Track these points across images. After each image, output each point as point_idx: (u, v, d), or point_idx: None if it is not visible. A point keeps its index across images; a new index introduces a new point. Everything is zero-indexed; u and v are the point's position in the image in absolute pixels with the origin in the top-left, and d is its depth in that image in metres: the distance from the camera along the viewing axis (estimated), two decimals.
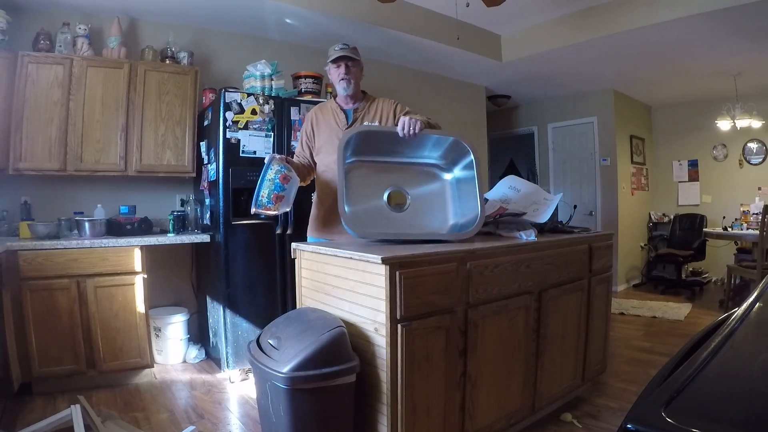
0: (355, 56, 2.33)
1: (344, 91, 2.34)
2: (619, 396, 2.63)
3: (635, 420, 0.60)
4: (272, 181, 2.03)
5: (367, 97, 2.45)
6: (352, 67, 2.33)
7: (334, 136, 2.35)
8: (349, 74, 2.32)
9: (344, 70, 2.31)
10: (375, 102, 2.43)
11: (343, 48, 2.32)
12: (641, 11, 3.74)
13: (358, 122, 2.37)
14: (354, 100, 2.40)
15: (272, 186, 2.03)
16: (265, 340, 1.79)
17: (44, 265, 2.61)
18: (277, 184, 2.03)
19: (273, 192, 2.03)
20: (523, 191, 2.55)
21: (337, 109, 2.41)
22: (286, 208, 2.11)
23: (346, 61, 2.31)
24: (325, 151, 2.39)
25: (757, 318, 0.98)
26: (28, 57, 2.84)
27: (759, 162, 5.91)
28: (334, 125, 2.39)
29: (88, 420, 2.11)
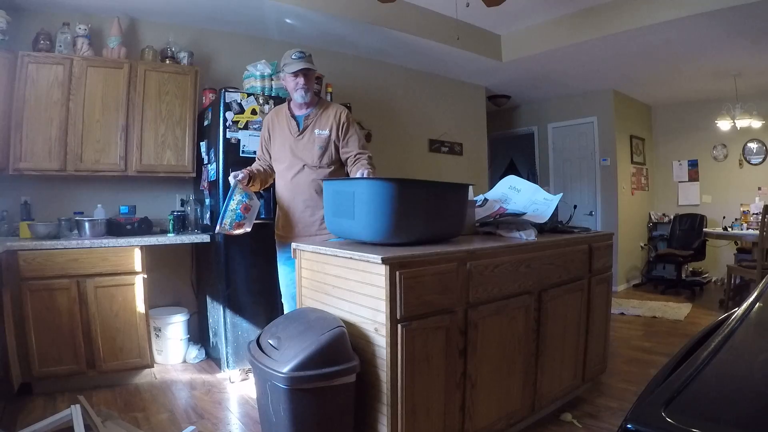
0: (313, 67, 2.45)
1: (301, 99, 2.48)
2: (619, 396, 2.63)
3: (635, 420, 0.60)
4: (234, 211, 2.29)
5: (321, 102, 2.56)
6: (310, 78, 2.47)
7: (286, 143, 2.51)
8: (307, 84, 2.45)
9: (303, 81, 2.44)
10: (327, 109, 2.53)
11: (300, 57, 2.43)
12: (641, 11, 3.74)
13: (308, 130, 2.49)
14: (307, 106, 2.53)
15: (234, 216, 2.29)
16: (265, 340, 1.79)
17: (44, 265, 2.61)
18: (238, 214, 2.30)
19: (234, 221, 2.30)
20: (523, 191, 2.55)
21: (289, 115, 2.53)
22: (247, 229, 2.37)
23: (305, 72, 2.42)
24: (277, 159, 2.56)
25: (757, 318, 0.98)
26: (28, 57, 2.84)
27: (759, 162, 5.90)
28: (286, 132, 2.52)
29: (88, 420, 2.11)
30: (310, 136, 2.49)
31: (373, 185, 1.82)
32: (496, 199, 2.62)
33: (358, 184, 1.88)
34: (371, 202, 1.80)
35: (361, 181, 1.91)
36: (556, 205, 2.44)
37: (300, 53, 2.47)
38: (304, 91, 2.46)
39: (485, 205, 2.60)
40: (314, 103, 2.55)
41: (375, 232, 1.82)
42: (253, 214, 2.36)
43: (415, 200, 1.84)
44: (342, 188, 1.97)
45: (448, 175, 5.13)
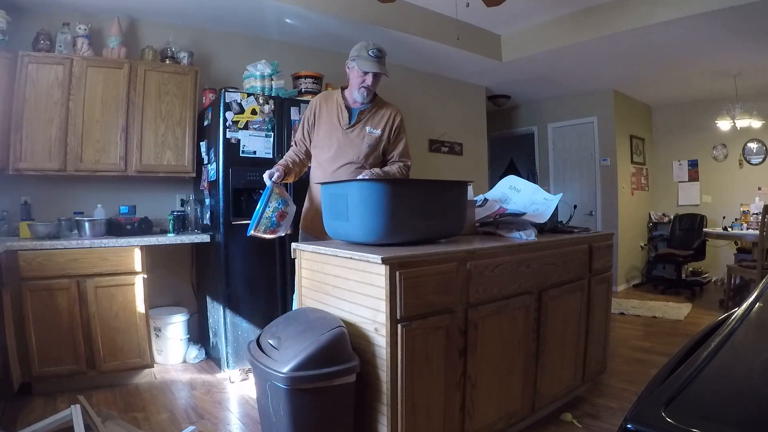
0: (386, 72, 2.34)
1: (361, 99, 2.37)
2: (619, 396, 2.63)
3: (635, 420, 0.60)
4: (269, 218, 2.17)
5: (377, 100, 2.43)
6: (379, 79, 2.35)
7: (333, 133, 2.35)
8: (373, 86, 2.35)
9: (371, 81, 2.33)
10: (383, 108, 2.43)
11: (377, 57, 2.31)
12: (641, 11, 3.74)
13: (360, 125, 2.36)
14: (362, 105, 2.40)
15: (268, 223, 2.18)
16: (265, 340, 1.79)
17: (44, 265, 2.61)
18: (273, 221, 2.19)
19: (269, 228, 2.20)
20: (523, 191, 2.55)
21: (342, 104, 2.39)
22: (281, 234, 2.26)
23: (376, 74, 2.32)
24: (321, 147, 2.39)
25: (757, 318, 0.98)
26: (28, 57, 2.84)
27: (759, 162, 5.90)
28: (335, 122, 2.37)
29: (88, 420, 2.11)
30: (360, 131, 2.35)
31: (364, 187, 1.82)
32: (496, 199, 2.62)
33: (350, 187, 1.88)
34: (363, 203, 1.80)
35: (353, 183, 1.90)
36: (556, 205, 2.44)
37: (378, 52, 2.32)
38: (367, 91, 2.34)
39: (485, 205, 2.60)
40: (370, 100, 2.42)
41: (368, 233, 1.82)
42: (289, 220, 2.26)
43: (408, 200, 1.83)
44: (336, 191, 1.97)
45: (448, 175, 5.13)
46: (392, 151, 2.43)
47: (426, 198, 1.91)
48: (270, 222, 2.18)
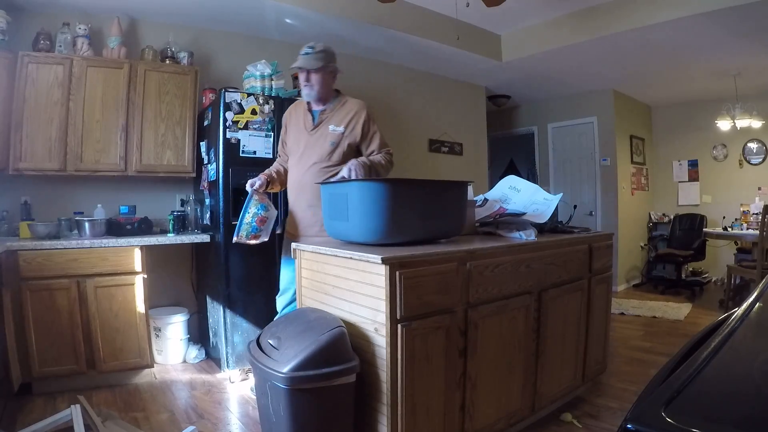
0: (314, 66, 2.34)
1: (307, 97, 2.45)
2: (619, 396, 2.63)
3: (635, 420, 0.60)
4: (249, 224, 2.32)
5: (339, 99, 2.50)
6: (314, 75, 2.36)
7: (300, 138, 2.47)
8: (309, 82, 2.38)
9: (304, 79, 2.39)
10: (345, 105, 2.47)
11: (304, 54, 2.36)
12: (641, 11, 3.74)
13: (322, 125, 2.43)
14: (323, 102, 2.47)
15: (249, 229, 2.32)
16: (265, 340, 1.79)
17: (44, 265, 2.61)
18: (254, 227, 2.32)
19: (250, 233, 2.33)
20: (523, 191, 2.55)
21: (306, 109, 2.50)
22: (264, 239, 2.38)
23: (305, 71, 2.36)
24: (292, 152, 2.53)
25: (757, 318, 0.98)
26: (28, 57, 2.84)
27: (759, 162, 5.90)
28: (301, 126, 2.48)
29: (88, 420, 2.11)
30: (323, 131, 2.40)
31: (364, 187, 1.82)
32: (496, 199, 2.62)
33: (350, 187, 1.89)
34: (363, 203, 1.80)
35: (353, 183, 1.90)
36: (556, 205, 2.44)
37: (308, 49, 2.36)
38: (308, 89, 2.39)
39: (485, 205, 2.60)
40: (331, 99, 2.47)
41: (368, 233, 1.82)
42: (270, 225, 2.35)
43: (408, 200, 1.84)
44: (336, 191, 1.97)
45: (448, 175, 5.13)
46: (369, 147, 2.45)
47: (426, 198, 1.91)
48: (251, 227, 2.31)
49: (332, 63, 2.42)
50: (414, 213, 1.87)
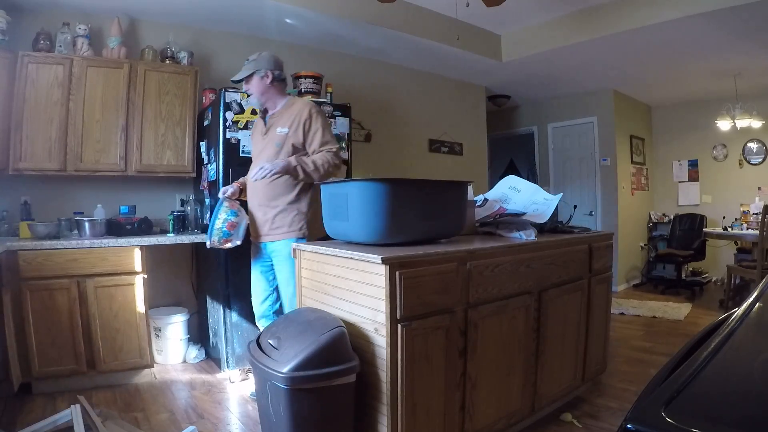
0: (242, 76, 2.47)
1: (250, 104, 2.60)
2: (619, 396, 2.63)
3: (635, 420, 0.60)
4: (220, 230, 2.39)
5: (288, 102, 2.55)
6: (246, 84, 2.50)
7: (257, 143, 2.58)
8: (249, 89, 2.51)
9: (245, 87, 2.53)
10: (291, 107, 2.51)
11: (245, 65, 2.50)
12: (641, 11, 3.74)
13: (272, 129, 2.50)
14: (272, 106, 2.54)
15: (221, 234, 2.39)
16: (265, 340, 1.79)
17: (44, 265, 2.61)
18: (225, 232, 2.39)
19: (222, 238, 2.40)
20: (523, 191, 2.55)
21: (261, 117, 2.60)
22: (237, 243, 2.46)
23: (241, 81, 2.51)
24: (252, 158, 2.62)
25: (757, 318, 0.98)
26: (28, 57, 2.84)
27: (759, 162, 5.90)
28: (258, 132, 2.59)
29: (88, 420, 2.11)
30: (272, 134, 2.48)
31: (364, 187, 1.82)
32: (496, 199, 2.62)
33: (350, 186, 1.89)
34: (363, 203, 1.80)
35: (353, 182, 1.90)
36: (556, 205, 2.44)
37: (245, 61, 2.51)
38: (253, 97, 2.51)
39: (485, 205, 2.60)
40: (280, 103, 2.54)
41: (369, 233, 1.82)
42: (240, 229, 2.43)
43: (408, 200, 1.84)
44: (336, 190, 1.98)
45: (448, 175, 5.13)
46: (311, 145, 2.46)
47: (426, 198, 1.91)
48: (222, 233, 2.39)
49: (264, 68, 2.47)
50: (414, 213, 1.87)
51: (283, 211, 2.44)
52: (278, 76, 2.50)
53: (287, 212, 2.45)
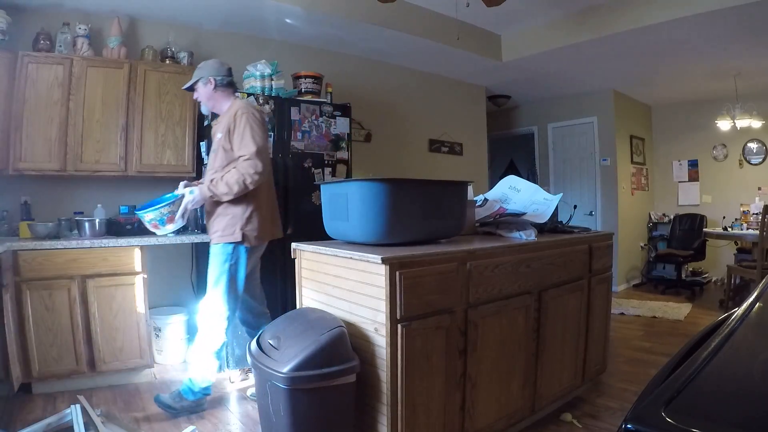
0: (186, 86, 2.54)
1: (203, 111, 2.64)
2: (619, 396, 2.63)
3: (635, 420, 0.60)
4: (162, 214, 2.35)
5: (231, 105, 2.52)
6: (195, 92, 2.53)
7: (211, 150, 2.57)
8: (197, 98, 2.55)
9: (194, 96, 2.57)
10: (228, 111, 2.49)
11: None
12: (641, 11, 3.74)
13: (214, 135, 2.52)
14: (219, 112, 2.55)
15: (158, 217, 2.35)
16: (265, 340, 1.79)
17: (44, 265, 2.61)
18: (162, 220, 2.36)
19: (154, 221, 2.36)
20: (523, 191, 2.55)
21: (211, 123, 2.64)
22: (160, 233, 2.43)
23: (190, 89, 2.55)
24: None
25: (757, 318, 0.98)
26: (28, 57, 2.84)
27: (759, 162, 5.91)
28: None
29: (88, 420, 2.11)
30: (214, 141, 2.49)
31: (365, 186, 1.82)
32: (496, 199, 2.62)
33: (350, 186, 1.89)
34: (363, 203, 1.80)
35: (354, 182, 1.90)
36: (556, 205, 2.44)
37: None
38: (202, 104, 2.54)
39: (485, 205, 2.60)
40: (226, 107, 2.53)
41: (369, 233, 1.82)
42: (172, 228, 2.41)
43: (408, 200, 1.84)
44: (336, 190, 1.98)
45: (448, 175, 5.13)
46: (235, 151, 2.39)
47: (426, 198, 1.91)
48: (160, 217, 2.35)
49: (207, 75, 2.47)
50: (414, 213, 1.87)
51: (218, 215, 2.44)
52: (221, 82, 2.48)
53: (222, 217, 2.42)
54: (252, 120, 2.37)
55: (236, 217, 2.40)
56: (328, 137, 3.32)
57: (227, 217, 2.41)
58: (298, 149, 3.19)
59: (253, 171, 2.29)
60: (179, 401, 2.40)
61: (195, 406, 2.44)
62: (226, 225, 2.40)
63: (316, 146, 3.27)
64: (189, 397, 2.41)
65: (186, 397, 2.41)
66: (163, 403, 2.38)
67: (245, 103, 2.48)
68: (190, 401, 2.41)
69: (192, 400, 2.42)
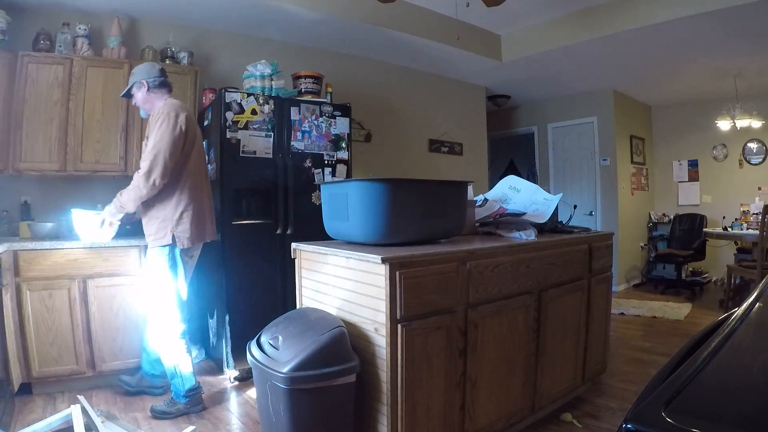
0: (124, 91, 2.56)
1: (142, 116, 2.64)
2: (619, 396, 2.63)
3: (635, 420, 0.60)
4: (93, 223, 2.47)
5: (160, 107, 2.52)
6: (133, 99, 2.55)
7: None
8: (135, 103, 2.58)
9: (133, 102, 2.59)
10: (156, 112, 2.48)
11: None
12: (641, 11, 3.74)
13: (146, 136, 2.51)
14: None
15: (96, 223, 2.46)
16: (265, 340, 1.79)
17: (44, 265, 2.61)
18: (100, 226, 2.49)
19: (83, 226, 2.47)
20: (523, 191, 2.55)
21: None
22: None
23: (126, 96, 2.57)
24: None
25: (757, 318, 0.98)
26: (28, 57, 2.84)
27: (759, 162, 5.90)
28: None
29: (88, 420, 2.11)
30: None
31: (365, 186, 1.82)
32: (496, 199, 2.62)
33: (350, 186, 1.89)
34: (363, 203, 1.80)
35: (353, 182, 1.91)
36: (556, 205, 2.44)
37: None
38: (140, 109, 2.56)
39: (485, 205, 2.60)
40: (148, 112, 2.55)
41: (369, 233, 1.82)
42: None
43: (408, 200, 1.84)
44: (336, 190, 1.98)
45: (448, 175, 5.13)
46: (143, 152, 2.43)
47: (426, 198, 1.91)
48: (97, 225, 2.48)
49: (139, 79, 2.48)
50: (414, 213, 1.87)
51: (150, 218, 2.44)
52: (153, 83, 2.49)
53: (154, 220, 2.43)
54: (164, 123, 2.36)
55: (167, 220, 2.41)
56: (328, 137, 3.32)
57: (158, 220, 2.42)
58: (298, 149, 3.19)
59: (143, 186, 2.33)
60: (173, 405, 2.43)
61: (191, 407, 2.45)
62: (158, 228, 2.42)
63: (316, 146, 3.27)
64: (181, 401, 2.44)
65: (178, 401, 2.44)
66: (159, 412, 2.40)
67: (166, 104, 2.45)
68: (183, 404, 2.44)
69: (185, 403, 2.44)
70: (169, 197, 2.41)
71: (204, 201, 2.55)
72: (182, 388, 2.43)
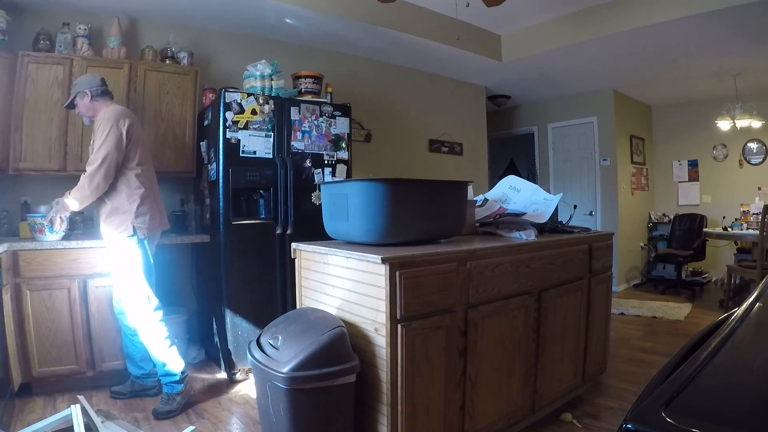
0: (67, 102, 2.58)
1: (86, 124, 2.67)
2: (619, 396, 2.63)
3: (635, 420, 0.60)
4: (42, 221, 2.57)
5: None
6: (76, 108, 2.57)
7: None
8: (79, 113, 2.61)
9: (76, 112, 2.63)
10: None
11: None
12: (641, 11, 3.74)
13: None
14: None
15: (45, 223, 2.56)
16: (265, 340, 1.79)
17: (44, 265, 2.61)
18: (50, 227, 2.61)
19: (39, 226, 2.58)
20: (523, 191, 2.55)
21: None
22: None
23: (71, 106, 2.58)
24: None
25: (757, 318, 0.98)
26: (28, 57, 2.84)
27: (759, 162, 5.91)
28: None
29: (88, 420, 2.11)
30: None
31: (365, 186, 1.82)
32: (496, 199, 2.62)
33: (350, 186, 1.89)
34: (363, 203, 1.80)
35: (353, 182, 1.91)
36: (556, 205, 2.44)
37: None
38: (84, 117, 2.59)
39: (485, 205, 2.61)
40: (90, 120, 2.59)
41: (368, 233, 1.82)
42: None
43: (408, 200, 1.84)
44: (336, 190, 1.98)
45: (449, 175, 5.13)
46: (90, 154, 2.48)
47: (426, 198, 1.91)
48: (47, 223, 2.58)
49: (82, 89, 2.50)
50: (414, 213, 1.87)
51: (109, 215, 2.46)
52: (96, 92, 2.52)
53: (114, 215, 2.46)
54: (106, 128, 2.41)
55: (126, 213, 2.46)
56: (328, 137, 3.32)
57: (117, 214, 2.46)
58: (298, 149, 3.19)
59: (87, 186, 2.39)
60: (172, 401, 2.43)
61: (186, 394, 2.49)
62: (119, 222, 2.45)
63: (316, 146, 3.27)
64: (176, 389, 2.46)
65: (174, 392, 2.45)
66: (161, 413, 2.40)
67: (108, 110, 2.49)
68: (178, 392, 2.46)
69: (179, 390, 2.46)
70: (121, 193, 2.47)
71: (154, 192, 2.63)
72: (174, 375, 2.46)
